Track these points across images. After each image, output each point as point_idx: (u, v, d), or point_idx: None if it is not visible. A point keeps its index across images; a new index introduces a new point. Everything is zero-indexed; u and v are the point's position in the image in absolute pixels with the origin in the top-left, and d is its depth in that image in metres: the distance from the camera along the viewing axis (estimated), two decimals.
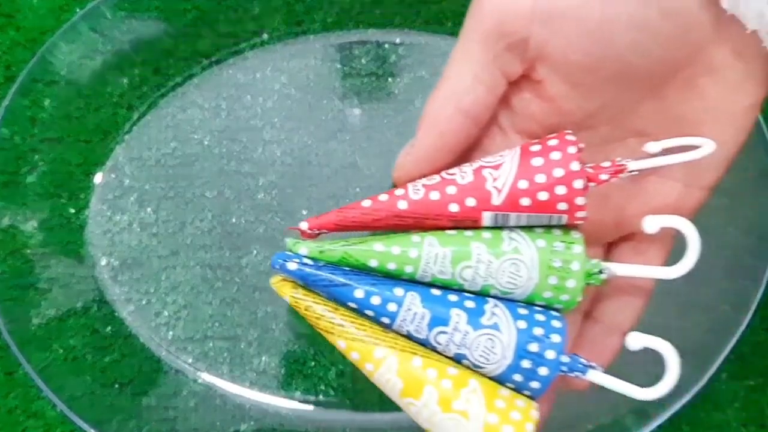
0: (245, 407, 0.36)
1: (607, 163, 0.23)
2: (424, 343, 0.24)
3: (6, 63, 0.44)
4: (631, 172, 0.23)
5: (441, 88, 0.24)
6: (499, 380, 0.25)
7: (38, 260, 0.39)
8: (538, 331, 0.24)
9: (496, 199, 0.23)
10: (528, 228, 0.25)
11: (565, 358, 0.24)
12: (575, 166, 0.23)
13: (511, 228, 0.24)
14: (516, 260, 0.24)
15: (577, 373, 0.24)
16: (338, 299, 0.24)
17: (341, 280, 0.24)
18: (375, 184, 0.41)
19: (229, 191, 0.42)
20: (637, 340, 0.27)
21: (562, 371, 0.24)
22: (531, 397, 0.25)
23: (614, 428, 0.35)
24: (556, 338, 0.24)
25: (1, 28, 0.45)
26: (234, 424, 0.37)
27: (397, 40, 0.44)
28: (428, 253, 0.24)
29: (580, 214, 0.23)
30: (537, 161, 0.23)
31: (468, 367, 0.24)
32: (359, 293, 0.24)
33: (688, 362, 0.35)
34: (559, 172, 0.23)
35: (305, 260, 0.24)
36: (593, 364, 0.25)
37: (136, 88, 0.43)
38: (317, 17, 0.43)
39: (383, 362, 0.24)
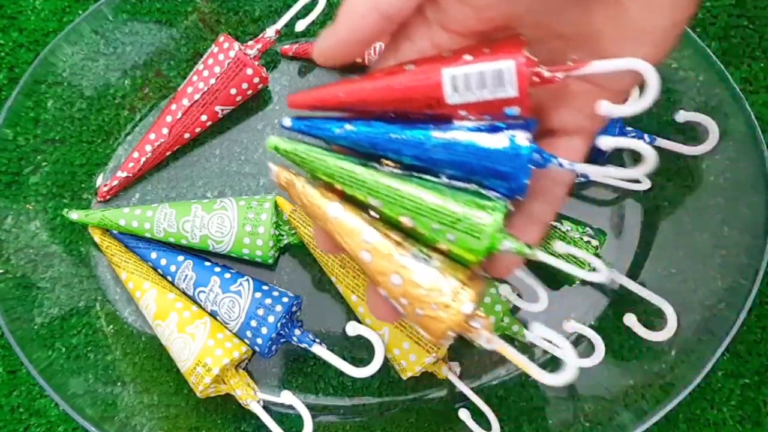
0: (246, 405, 0.36)
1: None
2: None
3: (9, 64, 0.44)
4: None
5: None
6: None
7: (41, 260, 0.40)
8: None
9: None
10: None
11: None
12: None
13: None
14: None
15: None
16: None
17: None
18: None
19: (230, 192, 0.42)
20: (353, 329, 0.32)
21: None
22: None
23: (611, 426, 0.35)
24: None
25: (4, 29, 0.45)
26: (235, 422, 0.38)
27: None
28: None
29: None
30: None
31: None
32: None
33: (684, 360, 0.36)
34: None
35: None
36: None
37: (138, 90, 0.44)
38: (317, 19, 0.43)
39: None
